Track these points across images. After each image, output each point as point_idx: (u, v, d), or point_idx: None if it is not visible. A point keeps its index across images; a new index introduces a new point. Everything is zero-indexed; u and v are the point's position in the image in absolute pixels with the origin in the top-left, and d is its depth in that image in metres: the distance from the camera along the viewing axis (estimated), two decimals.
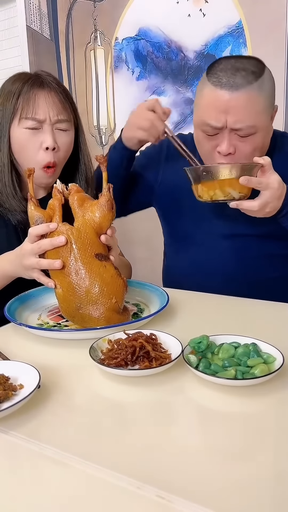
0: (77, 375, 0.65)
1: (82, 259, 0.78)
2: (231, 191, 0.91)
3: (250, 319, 0.85)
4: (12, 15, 2.55)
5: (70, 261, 0.78)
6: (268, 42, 1.84)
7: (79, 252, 0.78)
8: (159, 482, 0.42)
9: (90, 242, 0.79)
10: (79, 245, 0.78)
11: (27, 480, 0.44)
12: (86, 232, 0.79)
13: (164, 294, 0.88)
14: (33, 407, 0.55)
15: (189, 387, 0.60)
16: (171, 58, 2.09)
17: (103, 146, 2.36)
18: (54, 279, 0.80)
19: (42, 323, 0.84)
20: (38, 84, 0.94)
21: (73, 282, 0.78)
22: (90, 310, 0.78)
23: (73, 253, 0.78)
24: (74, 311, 0.79)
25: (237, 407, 0.55)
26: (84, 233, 0.79)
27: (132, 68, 2.23)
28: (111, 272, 0.80)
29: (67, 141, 0.99)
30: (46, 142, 0.94)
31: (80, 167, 1.07)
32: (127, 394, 0.59)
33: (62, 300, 0.80)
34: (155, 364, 0.61)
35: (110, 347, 0.67)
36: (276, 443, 0.48)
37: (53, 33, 2.39)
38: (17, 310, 0.87)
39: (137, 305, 0.92)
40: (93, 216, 0.80)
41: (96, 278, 0.78)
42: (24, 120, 0.93)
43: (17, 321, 0.80)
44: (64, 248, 0.78)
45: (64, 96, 0.97)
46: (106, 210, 0.80)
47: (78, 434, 0.51)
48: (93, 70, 2.29)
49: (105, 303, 0.78)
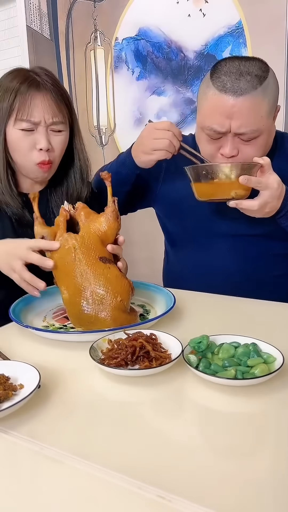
0: (77, 375, 0.65)
1: (87, 261, 0.80)
2: (230, 190, 0.91)
3: (250, 319, 0.85)
4: (12, 15, 2.55)
5: (75, 265, 0.80)
6: (268, 42, 1.84)
7: (83, 255, 0.80)
8: (159, 482, 0.42)
9: (94, 247, 0.82)
10: (83, 249, 0.81)
11: (27, 480, 0.44)
12: (90, 238, 0.83)
13: (170, 294, 0.88)
14: (33, 407, 0.55)
15: (189, 387, 0.60)
16: (171, 58, 2.09)
17: (103, 146, 2.36)
18: (61, 285, 0.81)
19: (47, 325, 0.84)
20: (35, 86, 0.95)
21: (78, 283, 0.79)
22: (96, 310, 0.77)
23: (78, 257, 0.80)
24: (80, 313, 0.78)
25: (237, 407, 0.55)
26: (88, 239, 0.82)
27: (132, 68, 2.23)
28: (115, 273, 0.81)
29: (61, 141, 1.01)
30: (40, 144, 0.96)
31: (75, 164, 1.09)
32: (127, 394, 0.59)
33: (69, 303, 0.80)
34: (155, 364, 0.61)
35: (110, 347, 0.67)
36: (276, 443, 0.48)
37: (53, 33, 2.39)
38: (22, 311, 0.87)
39: (142, 306, 0.92)
40: (99, 226, 0.85)
41: (100, 277, 0.79)
42: (19, 121, 0.95)
43: (23, 323, 0.79)
44: (69, 253, 0.81)
45: (59, 97, 0.98)
46: (111, 220, 0.85)
47: (78, 434, 0.51)
48: (93, 70, 2.29)
49: (110, 302, 0.78)
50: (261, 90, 0.92)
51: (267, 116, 0.95)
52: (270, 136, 1.01)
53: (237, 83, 0.91)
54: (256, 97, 0.92)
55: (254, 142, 0.96)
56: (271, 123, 0.99)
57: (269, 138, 1.00)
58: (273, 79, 0.96)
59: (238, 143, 0.96)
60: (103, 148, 2.37)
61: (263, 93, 0.92)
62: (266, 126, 0.96)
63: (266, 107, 0.94)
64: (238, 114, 0.92)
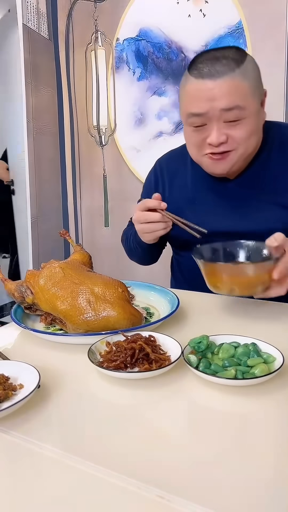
0: (78, 374, 0.65)
1: (77, 273, 0.83)
2: (256, 287, 0.81)
3: (250, 319, 0.85)
4: None
5: (67, 277, 0.81)
6: (268, 42, 1.84)
7: (72, 271, 0.83)
8: (159, 482, 0.42)
9: (79, 266, 0.88)
10: (70, 267, 0.85)
11: (27, 480, 0.44)
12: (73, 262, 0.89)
13: (173, 295, 0.88)
14: (33, 407, 0.55)
15: (189, 387, 0.60)
16: (172, 59, 2.09)
17: (103, 146, 2.36)
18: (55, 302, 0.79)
19: (48, 326, 0.84)
20: None
21: (75, 289, 0.78)
22: (102, 307, 0.75)
23: (67, 272, 0.82)
24: (86, 320, 0.76)
25: (237, 407, 0.55)
26: (71, 263, 0.88)
27: (133, 69, 2.23)
28: (105, 276, 0.84)
29: None
30: None
31: None
32: (127, 394, 0.59)
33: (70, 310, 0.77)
34: (155, 366, 0.61)
35: (109, 349, 0.67)
36: (276, 443, 0.48)
37: (53, 33, 2.39)
38: (24, 313, 0.87)
39: (146, 308, 0.91)
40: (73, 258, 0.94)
41: (95, 278, 0.80)
42: None
43: (28, 327, 0.79)
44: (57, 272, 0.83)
45: None
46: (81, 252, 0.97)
47: (78, 434, 0.51)
48: (94, 70, 2.29)
49: (113, 292, 0.77)
50: (239, 72, 0.88)
51: (250, 96, 0.91)
52: (258, 122, 0.96)
53: (213, 67, 0.89)
54: (234, 78, 0.88)
55: (242, 125, 0.92)
56: (257, 106, 0.94)
57: (257, 123, 0.95)
58: (252, 64, 0.92)
59: (225, 128, 0.92)
60: (103, 148, 2.37)
61: (242, 75, 0.89)
62: (252, 108, 0.92)
63: (248, 88, 0.90)
64: (219, 94, 0.88)
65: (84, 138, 2.46)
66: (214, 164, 0.99)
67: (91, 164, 2.49)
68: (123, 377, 0.61)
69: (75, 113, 2.48)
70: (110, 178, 2.43)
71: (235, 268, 0.81)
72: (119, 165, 2.38)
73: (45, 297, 0.80)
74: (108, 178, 2.43)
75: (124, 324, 0.75)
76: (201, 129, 0.94)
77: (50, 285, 0.80)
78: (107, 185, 2.43)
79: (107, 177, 2.43)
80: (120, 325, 0.74)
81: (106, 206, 2.45)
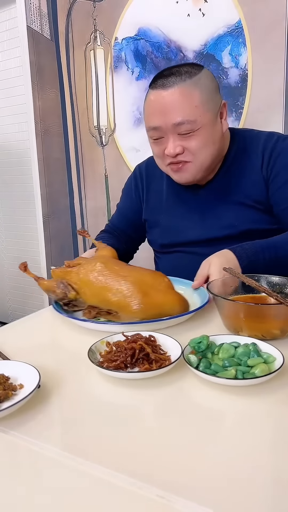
0: (78, 374, 0.65)
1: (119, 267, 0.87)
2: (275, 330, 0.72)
3: None
4: (12, 15, 2.55)
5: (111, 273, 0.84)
6: (268, 42, 1.83)
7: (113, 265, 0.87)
8: (159, 482, 0.42)
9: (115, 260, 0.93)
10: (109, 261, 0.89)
11: (27, 480, 0.44)
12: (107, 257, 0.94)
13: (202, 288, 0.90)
14: (33, 407, 0.55)
15: (189, 387, 0.60)
16: (171, 58, 2.09)
17: (103, 146, 2.36)
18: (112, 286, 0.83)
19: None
20: None
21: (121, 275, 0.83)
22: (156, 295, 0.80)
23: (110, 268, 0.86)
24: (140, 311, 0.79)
25: (237, 407, 0.55)
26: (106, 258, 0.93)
27: (131, 68, 2.23)
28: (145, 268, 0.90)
29: None
30: None
31: None
32: (127, 394, 0.59)
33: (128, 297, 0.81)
34: (155, 367, 0.61)
35: (109, 350, 0.67)
36: (276, 442, 0.48)
37: (53, 33, 2.39)
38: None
39: None
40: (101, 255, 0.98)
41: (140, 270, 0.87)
42: None
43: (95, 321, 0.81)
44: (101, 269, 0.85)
45: None
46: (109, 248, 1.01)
47: (78, 434, 0.51)
48: (93, 70, 2.29)
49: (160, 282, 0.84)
50: (190, 82, 0.95)
51: (201, 107, 0.96)
52: (213, 132, 1.01)
53: (167, 79, 0.97)
54: (184, 88, 0.95)
55: (195, 137, 0.98)
56: (211, 118, 0.99)
57: (212, 134, 1.00)
58: (207, 77, 0.99)
59: (179, 140, 0.98)
60: (103, 148, 2.37)
61: (193, 85, 0.95)
62: (205, 120, 0.97)
63: (198, 98, 0.96)
64: (170, 105, 0.95)
65: (86, 138, 2.46)
66: (176, 174, 1.06)
67: (93, 164, 2.49)
68: (123, 377, 0.61)
69: (76, 113, 2.49)
70: (111, 178, 2.44)
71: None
72: (119, 165, 2.39)
73: (92, 291, 0.83)
74: (109, 178, 2.44)
75: (177, 309, 0.81)
76: (160, 141, 1.02)
77: (96, 279, 0.83)
78: (108, 185, 2.44)
79: (108, 177, 2.43)
80: (174, 311, 0.80)
81: (108, 205, 2.45)
